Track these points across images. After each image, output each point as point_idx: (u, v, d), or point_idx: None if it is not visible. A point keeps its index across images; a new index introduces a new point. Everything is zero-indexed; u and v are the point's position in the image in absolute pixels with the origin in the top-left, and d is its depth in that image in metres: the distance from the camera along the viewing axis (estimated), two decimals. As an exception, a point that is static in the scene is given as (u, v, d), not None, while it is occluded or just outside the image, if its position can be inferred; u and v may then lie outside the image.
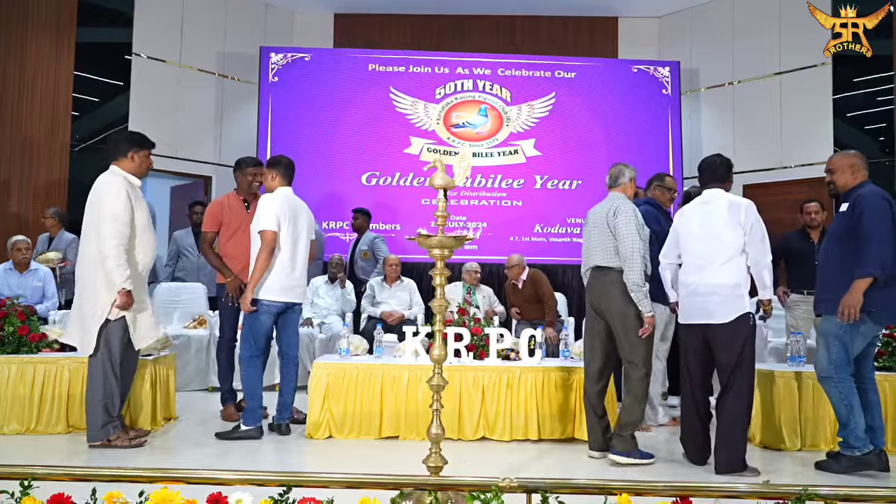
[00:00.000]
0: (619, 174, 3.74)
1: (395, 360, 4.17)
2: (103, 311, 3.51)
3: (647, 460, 3.47)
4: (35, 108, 6.81)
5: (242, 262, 4.21)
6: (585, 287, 3.75)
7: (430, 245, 2.54)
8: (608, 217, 3.58)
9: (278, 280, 3.95)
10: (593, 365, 3.65)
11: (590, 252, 3.68)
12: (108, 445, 3.58)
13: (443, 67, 7.49)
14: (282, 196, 4.09)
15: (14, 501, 1.65)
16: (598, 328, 3.63)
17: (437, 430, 2.50)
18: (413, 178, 7.26)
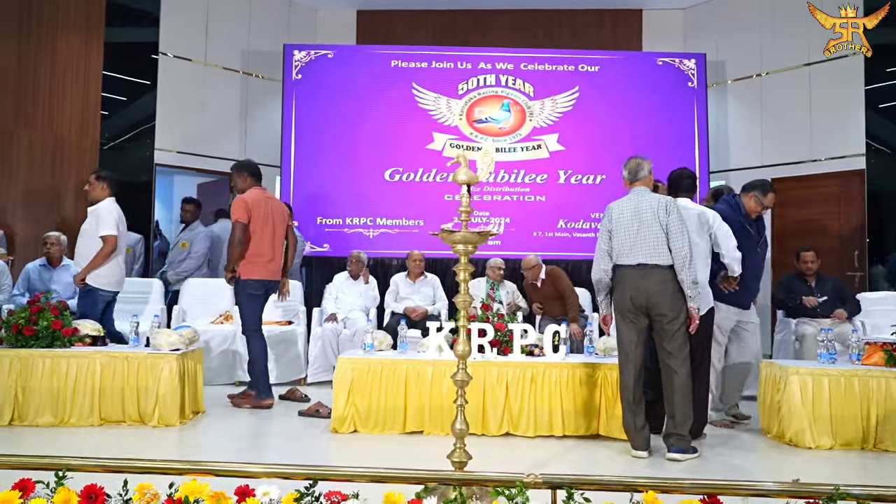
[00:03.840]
0: (638, 168, 3.72)
1: (419, 355, 4.18)
2: None
3: (697, 454, 3.54)
4: (65, 107, 6.94)
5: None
6: (617, 283, 3.66)
7: (453, 241, 2.54)
8: (658, 214, 3.53)
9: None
10: (634, 363, 3.60)
11: (626, 248, 3.60)
12: None
13: (465, 63, 7.48)
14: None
15: (49, 492, 1.68)
16: (640, 325, 3.59)
17: (461, 425, 2.51)
18: (436, 173, 7.26)
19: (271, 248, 4.75)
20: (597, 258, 3.77)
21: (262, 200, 4.76)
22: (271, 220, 4.76)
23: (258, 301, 4.74)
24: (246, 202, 4.68)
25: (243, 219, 4.63)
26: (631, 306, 3.58)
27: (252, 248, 4.67)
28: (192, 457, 3.42)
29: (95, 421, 4.00)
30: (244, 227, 4.64)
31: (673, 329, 3.53)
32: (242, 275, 4.65)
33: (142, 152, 7.51)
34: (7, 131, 6.62)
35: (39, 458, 1.83)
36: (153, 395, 4.01)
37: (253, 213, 4.67)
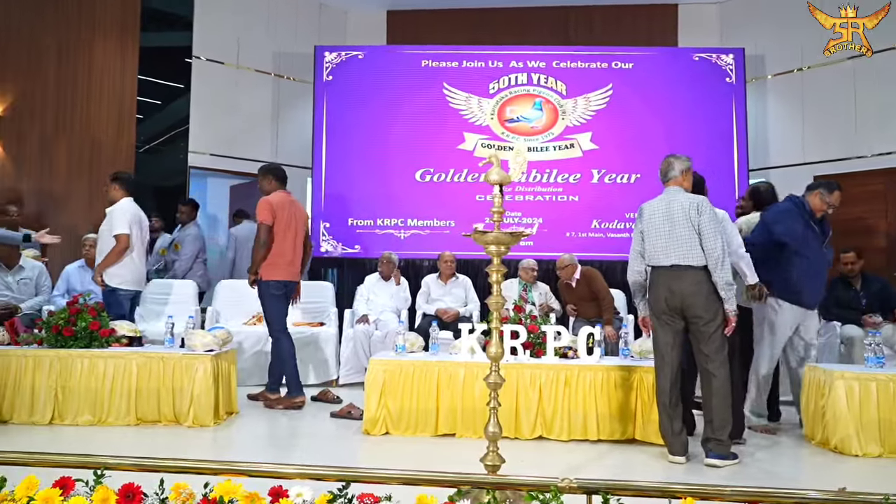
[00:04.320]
0: (668, 168, 3.70)
1: (451, 357, 4.18)
2: None
3: (737, 460, 3.49)
4: (102, 111, 7.12)
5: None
6: (651, 285, 3.64)
7: (486, 241, 2.54)
8: (690, 214, 3.49)
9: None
10: (670, 366, 3.55)
11: (659, 249, 3.57)
12: None
13: (496, 62, 7.46)
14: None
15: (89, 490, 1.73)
16: (676, 328, 3.54)
17: (494, 428, 2.50)
18: (467, 174, 7.26)
19: (292, 250, 4.86)
20: (631, 260, 3.75)
21: (287, 203, 4.88)
22: (293, 222, 4.88)
23: (281, 301, 4.85)
24: (271, 204, 4.79)
25: (268, 220, 4.74)
26: (665, 308, 3.54)
27: (274, 248, 4.78)
28: (226, 457, 3.47)
29: (132, 421, 4.09)
30: (269, 229, 4.74)
31: (709, 331, 3.47)
32: (264, 276, 4.76)
33: (176, 155, 7.67)
34: (47, 135, 6.82)
35: (79, 456, 1.87)
36: (188, 395, 4.09)
37: (277, 214, 4.78)
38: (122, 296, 4.86)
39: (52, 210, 6.78)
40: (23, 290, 5.37)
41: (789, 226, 4.18)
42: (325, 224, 7.30)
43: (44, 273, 5.55)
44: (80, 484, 1.73)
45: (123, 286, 4.87)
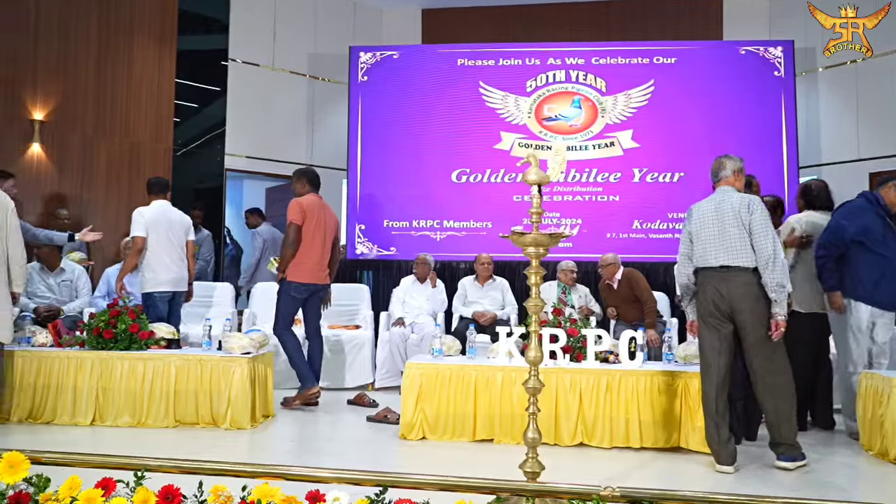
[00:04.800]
0: (719, 168, 3.65)
1: (489, 361, 4.17)
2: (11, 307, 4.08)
3: (805, 461, 3.48)
4: (141, 114, 7.31)
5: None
6: (699, 287, 3.58)
7: (524, 243, 2.53)
8: (741, 214, 3.43)
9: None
10: (716, 372, 3.48)
11: (709, 250, 3.50)
12: None
13: (533, 59, 7.42)
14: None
15: (129, 491, 1.77)
16: (724, 332, 3.48)
17: (533, 434, 2.49)
18: (504, 174, 7.24)
19: (320, 253, 4.97)
20: (679, 263, 3.70)
21: (317, 206, 5.00)
22: (323, 226, 4.99)
23: (297, 303, 4.99)
24: (301, 205, 4.92)
25: (298, 220, 4.88)
26: (714, 311, 3.47)
27: (302, 250, 4.90)
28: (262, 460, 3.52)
29: (171, 423, 4.18)
30: (298, 229, 4.88)
31: (760, 336, 3.40)
32: (288, 276, 4.90)
33: (212, 158, 7.82)
34: (87, 139, 7.03)
35: (120, 457, 1.92)
36: (225, 397, 4.16)
37: (307, 216, 4.91)
38: (159, 298, 4.97)
39: (92, 213, 6.98)
40: (63, 292, 5.53)
41: (864, 223, 4.09)
42: (360, 226, 7.36)
43: (83, 275, 5.71)
44: (121, 485, 1.77)
45: (159, 288, 4.96)
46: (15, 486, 1.70)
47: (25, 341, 4.42)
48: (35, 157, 6.76)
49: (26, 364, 4.25)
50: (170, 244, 5.02)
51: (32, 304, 5.36)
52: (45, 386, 4.23)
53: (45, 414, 4.22)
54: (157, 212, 5.03)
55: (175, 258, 5.06)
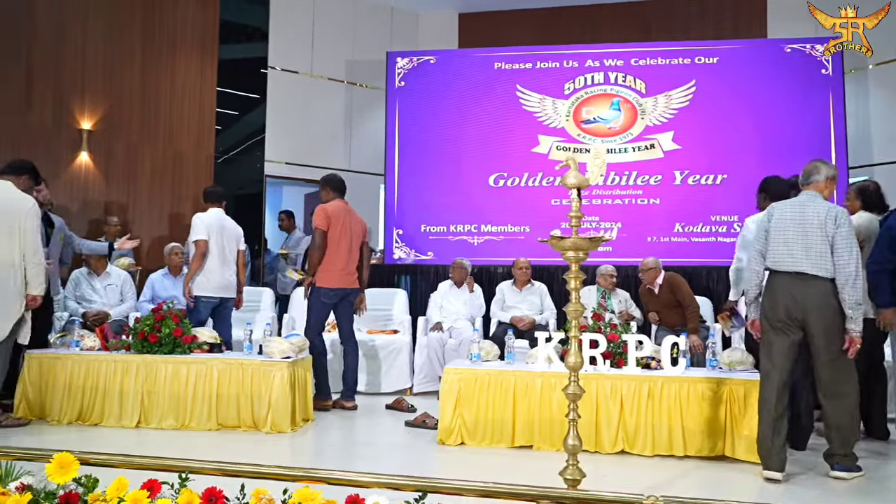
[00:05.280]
0: (812, 171, 3.54)
1: (528, 366, 4.15)
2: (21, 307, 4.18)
3: (862, 472, 3.40)
4: (184, 123, 7.50)
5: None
6: (769, 290, 3.49)
7: (563, 247, 2.51)
8: (826, 224, 3.34)
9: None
10: (779, 376, 3.39)
11: (785, 254, 3.42)
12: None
13: (571, 61, 7.38)
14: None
15: (174, 492, 1.81)
16: (792, 339, 3.39)
17: (574, 440, 2.47)
18: (542, 177, 7.20)
19: (346, 259, 5.04)
20: (750, 259, 3.61)
21: (342, 212, 5.07)
22: (349, 231, 5.06)
23: (327, 308, 5.08)
24: (326, 211, 5.02)
25: (323, 226, 4.98)
26: (784, 317, 3.38)
27: (328, 256, 4.99)
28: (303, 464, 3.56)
29: (213, 426, 4.26)
30: (324, 234, 4.98)
31: (835, 349, 3.32)
32: (317, 282, 4.99)
33: (252, 164, 7.97)
34: (132, 147, 7.23)
35: (165, 459, 1.97)
36: (266, 401, 4.22)
37: (332, 222, 5.00)
38: (203, 303, 5.08)
39: (136, 220, 7.18)
40: (109, 296, 5.69)
41: None
42: (398, 231, 7.40)
43: (128, 280, 5.87)
44: (166, 486, 1.81)
45: (205, 293, 5.08)
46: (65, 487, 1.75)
47: (74, 345, 4.56)
48: (83, 165, 6.99)
49: (75, 367, 4.38)
50: (221, 251, 5.15)
51: (81, 309, 5.53)
52: (93, 388, 4.35)
53: (92, 416, 4.34)
54: (213, 218, 5.17)
55: (225, 265, 5.17)
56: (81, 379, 4.36)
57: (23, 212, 4.19)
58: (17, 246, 4.16)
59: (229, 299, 5.23)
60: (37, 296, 4.24)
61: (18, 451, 1.98)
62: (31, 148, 6.68)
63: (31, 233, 4.20)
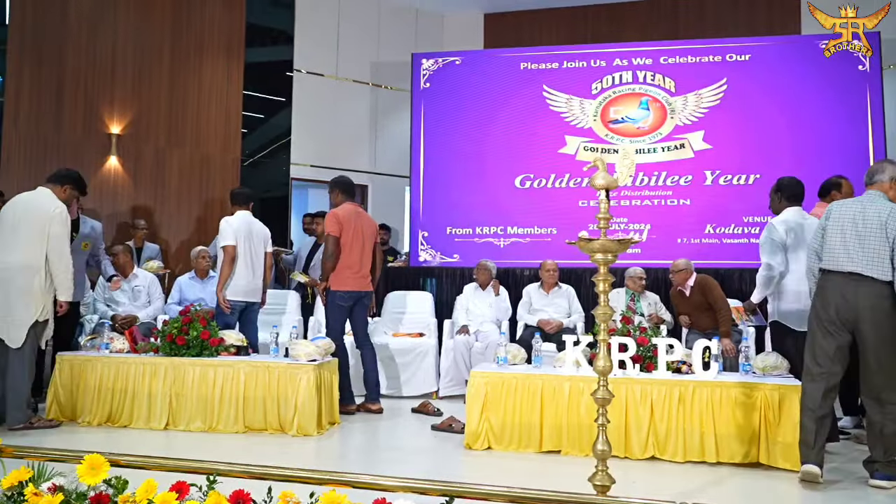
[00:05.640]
0: (878, 170, 3.47)
1: (555, 370, 4.13)
2: (42, 311, 4.25)
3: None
4: (211, 126, 7.61)
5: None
6: (820, 289, 3.43)
7: (592, 249, 2.50)
8: (888, 225, 3.27)
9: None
10: (826, 377, 3.33)
11: (840, 253, 3.35)
12: (30, 427, 4.23)
13: (599, 60, 7.33)
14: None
15: (202, 495, 1.83)
16: (841, 341, 3.33)
17: (603, 446, 2.45)
18: (569, 178, 7.17)
19: (360, 261, 5.08)
20: (808, 258, 3.58)
21: (353, 215, 5.10)
22: (361, 233, 5.09)
23: (344, 312, 5.10)
24: (337, 216, 5.04)
25: (335, 232, 5.00)
26: (834, 317, 3.32)
27: (343, 260, 5.02)
28: (329, 467, 3.58)
29: (240, 428, 4.31)
30: (336, 241, 5.00)
31: (888, 353, 3.24)
32: (332, 286, 5.03)
33: (279, 167, 8.05)
34: (160, 151, 7.36)
35: (193, 462, 1.99)
36: (292, 404, 4.26)
37: (344, 226, 5.02)
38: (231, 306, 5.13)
39: (164, 224, 7.30)
40: (137, 297, 5.78)
41: None
42: (423, 233, 7.42)
43: (155, 282, 5.96)
44: (194, 489, 1.83)
45: (232, 297, 5.12)
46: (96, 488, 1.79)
47: (104, 347, 4.65)
48: (112, 169, 7.12)
49: (105, 369, 4.47)
50: (248, 255, 5.18)
51: (110, 312, 5.63)
52: (123, 390, 4.43)
53: (122, 418, 4.42)
54: (241, 222, 5.19)
55: (252, 269, 5.21)
56: (111, 381, 4.45)
57: (51, 217, 4.31)
58: (43, 250, 4.27)
59: (255, 303, 5.28)
60: (64, 301, 4.34)
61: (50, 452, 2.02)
62: (61, 153, 6.85)
63: (55, 238, 4.30)
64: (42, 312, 4.27)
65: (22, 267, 4.24)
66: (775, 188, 4.36)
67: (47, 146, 6.84)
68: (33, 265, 4.25)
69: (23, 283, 4.23)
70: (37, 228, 4.28)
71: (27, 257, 4.24)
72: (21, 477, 1.79)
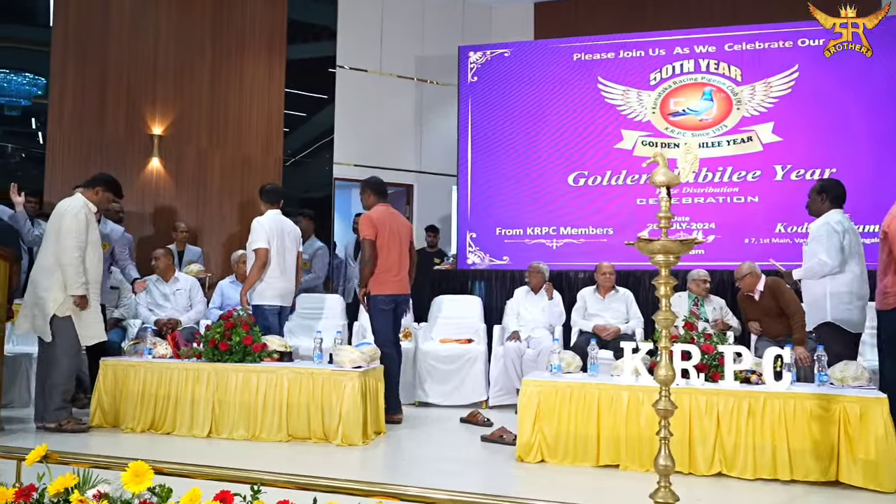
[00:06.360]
0: None
1: (613, 379, 4.07)
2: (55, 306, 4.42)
3: None
4: (252, 127, 7.77)
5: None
6: None
7: (652, 251, 2.46)
8: None
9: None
10: None
11: None
12: (59, 429, 4.40)
13: (658, 49, 7.21)
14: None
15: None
16: None
17: (665, 461, 2.40)
18: (626, 175, 7.07)
19: (398, 263, 5.13)
20: None
21: (387, 217, 5.14)
22: (397, 235, 5.14)
23: (389, 316, 5.13)
24: (372, 219, 5.08)
25: (371, 235, 5.04)
26: None
27: (380, 264, 5.07)
28: (375, 478, 3.61)
29: (284, 437, 4.38)
30: (373, 244, 5.05)
31: None
32: (372, 290, 5.08)
33: (321, 167, 8.16)
34: (202, 152, 7.55)
35: (237, 471, 2.03)
36: (337, 412, 4.31)
37: (379, 228, 5.06)
38: (268, 311, 5.19)
39: (205, 226, 7.48)
40: (178, 301, 5.93)
41: None
42: (471, 234, 7.42)
43: (196, 286, 6.11)
44: (239, 498, 1.87)
45: (269, 302, 5.19)
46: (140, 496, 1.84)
47: (147, 352, 4.79)
48: (154, 171, 7.34)
49: (148, 375, 4.60)
50: (281, 257, 5.23)
51: (153, 316, 5.79)
52: (165, 397, 4.55)
53: (164, 425, 4.54)
54: (273, 223, 5.23)
55: (286, 271, 5.26)
56: (154, 387, 4.58)
57: (61, 214, 4.55)
58: (56, 247, 4.50)
59: (286, 308, 5.36)
60: (77, 295, 4.48)
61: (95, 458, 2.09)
62: (104, 155, 7.10)
63: (62, 232, 4.49)
64: (61, 307, 4.44)
65: (46, 266, 4.51)
66: (818, 189, 4.60)
67: (91, 147, 7.10)
68: (52, 263, 4.49)
69: (45, 280, 4.49)
70: (54, 228, 4.55)
71: (49, 256, 4.52)
72: (67, 483, 1.85)
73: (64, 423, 4.47)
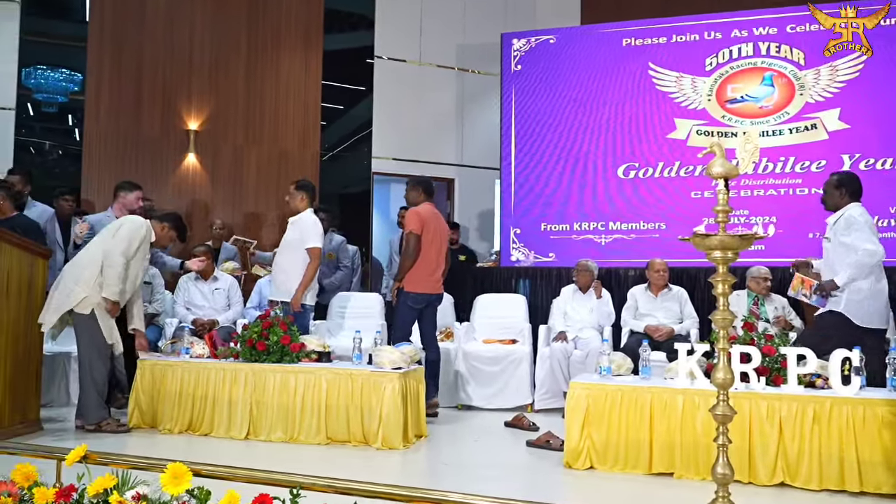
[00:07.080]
0: None
1: (666, 382, 4.02)
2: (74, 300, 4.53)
3: None
4: (289, 120, 7.88)
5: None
6: None
7: (709, 246, 2.42)
8: None
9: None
10: None
11: None
12: (99, 429, 4.53)
13: (714, 32, 7.08)
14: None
15: (285, 509, 1.89)
16: None
17: (724, 469, 2.37)
18: (679, 167, 6.96)
19: (436, 263, 5.36)
20: None
21: (433, 216, 5.38)
22: (439, 235, 5.40)
23: (414, 314, 5.32)
24: (420, 214, 5.29)
25: (417, 230, 5.24)
26: None
27: (420, 260, 5.26)
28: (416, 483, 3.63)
29: (322, 440, 4.43)
30: (418, 239, 5.24)
31: None
32: (406, 286, 5.25)
33: (359, 161, 8.23)
34: (238, 147, 7.68)
35: (276, 473, 2.07)
36: (376, 415, 4.34)
37: (425, 226, 5.28)
38: (308, 310, 5.32)
39: (242, 222, 7.61)
40: (217, 300, 6.06)
41: None
42: (515, 230, 7.40)
43: (234, 285, 6.22)
44: (277, 502, 1.90)
45: (308, 302, 5.30)
46: (178, 497, 1.88)
47: (184, 352, 4.90)
48: (190, 167, 7.50)
49: (185, 375, 4.71)
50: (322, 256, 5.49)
51: (191, 315, 5.92)
52: (203, 397, 4.65)
53: (202, 426, 4.64)
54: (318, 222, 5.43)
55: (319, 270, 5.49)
56: (191, 387, 4.68)
57: (121, 221, 4.82)
58: (102, 248, 4.63)
59: (313, 305, 5.50)
60: (111, 300, 4.59)
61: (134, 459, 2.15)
62: (141, 150, 7.29)
63: (118, 236, 4.66)
64: (82, 303, 4.55)
65: (82, 261, 4.66)
66: (836, 184, 4.71)
67: (127, 143, 7.29)
68: (90, 260, 4.62)
69: (79, 272, 4.61)
70: (110, 230, 4.73)
71: (91, 252, 4.67)
72: (106, 484, 1.91)
73: (104, 424, 4.60)
